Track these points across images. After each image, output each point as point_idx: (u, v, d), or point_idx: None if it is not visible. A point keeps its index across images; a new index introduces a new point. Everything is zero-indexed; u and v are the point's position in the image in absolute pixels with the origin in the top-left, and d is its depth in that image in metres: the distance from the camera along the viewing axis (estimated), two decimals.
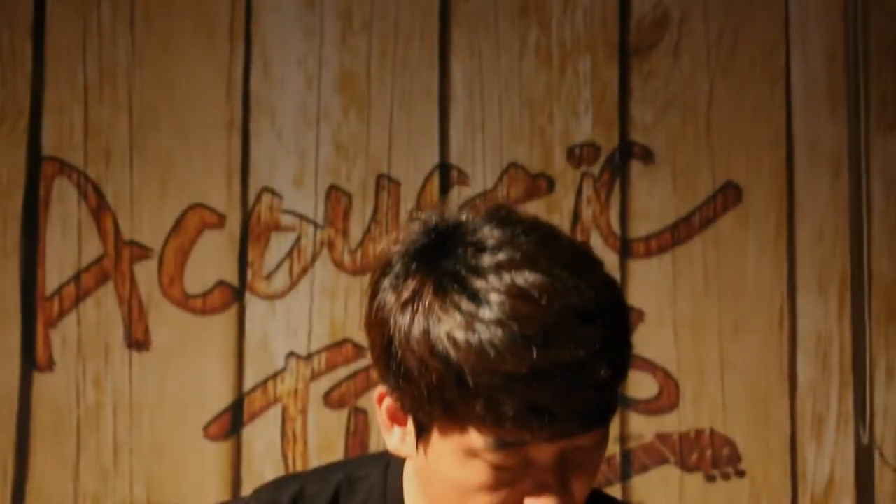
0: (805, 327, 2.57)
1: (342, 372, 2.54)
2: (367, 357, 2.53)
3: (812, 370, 2.56)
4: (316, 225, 2.55)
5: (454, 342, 1.20)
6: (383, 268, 1.28)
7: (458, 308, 1.21)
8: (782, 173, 2.60)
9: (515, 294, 1.20)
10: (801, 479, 2.55)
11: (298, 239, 2.55)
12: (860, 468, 2.55)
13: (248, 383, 2.52)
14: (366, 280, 2.52)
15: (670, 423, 2.54)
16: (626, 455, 2.54)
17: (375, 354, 1.29)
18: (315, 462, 2.47)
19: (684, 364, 2.55)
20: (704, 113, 2.60)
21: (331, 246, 2.55)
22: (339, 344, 2.54)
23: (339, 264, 2.55)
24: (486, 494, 1.26)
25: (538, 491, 1.24)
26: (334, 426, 2.52)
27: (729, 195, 2.59)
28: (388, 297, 1.26)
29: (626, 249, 2.57)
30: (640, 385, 2.55)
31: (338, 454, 2.50)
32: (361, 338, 2.53)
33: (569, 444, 1.24)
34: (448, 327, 1.21)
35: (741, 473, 2.55)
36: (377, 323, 1.27)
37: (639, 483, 2.54)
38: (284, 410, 2.52)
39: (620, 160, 2.59)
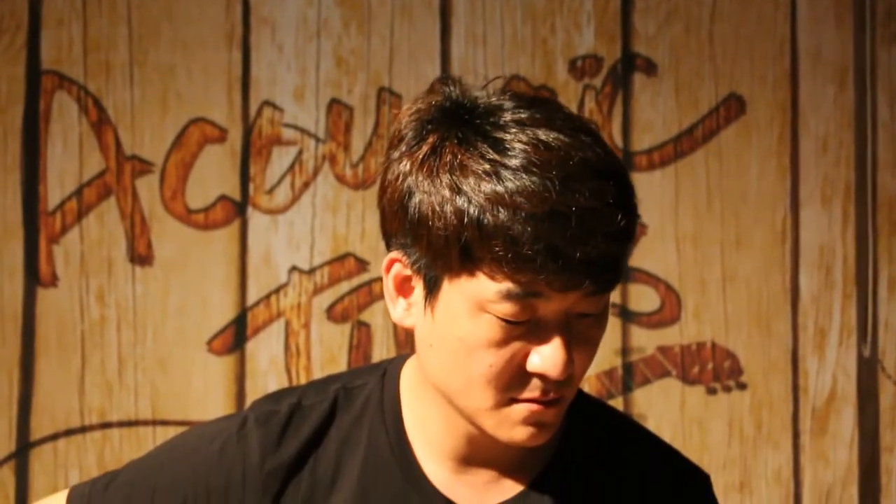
0: (808, 240, 2.56)
1: (344, 286, 2.54)
2: (369, 271, 2.54)
3: (815, 283, 2.56)
4: (317, 139, 2.55)
5: (478, 187, 1.26)
6: (396, 139, 1.33)
7: (483, 157, 1.27)
8: (786, 85, 2.58)
9: (537, 145, 1.27)
10: (803, 392, 2.56)
11: (300, 153, 2.55)
12: (862, 381, 2.56)
13: (251, 298, 2.53)
14: (368, 194, 2.55)
15: (672, 337, 2.55)
16: (627, 368, 2.55)
17: (390, 215, 1.32)
18: (318, 376, 2.49)
19: (686, 277, 2.55)
20: (707, 24, 2.58)
21: (332, 160, 2.55)
22: (341, 258, 2.54)
23: (340, 178, 2.55)
24: (493, 350, 1.29)
25: (543, 345, 1.28)
26: (337, 340, 2.54)
27: (732, 107, 2.58)
28: (403, 161, 1.31)
29: (628, 162, 2.55)
30: (641, 298, 2.55)
31: (341, 367, 2.52)
32: (363, 252, 2.55)
33: (575, 305, 1.28)
34: (473, 173, 1.26)
35: (742, 386, 2.55)
36: (392, 184, 1.31)
37: (640, 396, 2.55)
38: (287, 324, 2.54)
39: (623, 72, 2.57)
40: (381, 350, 2.53)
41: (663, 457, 1.45)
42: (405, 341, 2.53)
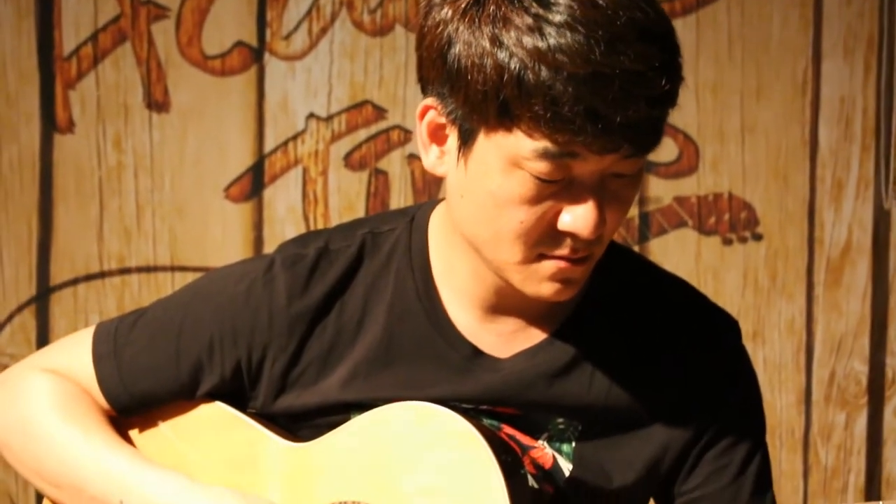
0: (828, 92, 2.54)
1: (362, 134, 2.54)
2: (387, 119, 2.53)
3: (834, 135, 2.55)
4: None
5: (520, 42, 1.24)
6: None
7: (526, 10, 1.24)
8: None
9: (584, 1, 1.24)
10: (818, 243, 2.56)
11: None
12: (878, 233, 2.57)
13: (269, 145, 2.53)
14: (386, 41, 2.52)
15: (689, 187, 2.55)
16: (644, 217, 2.55)
17: (428, 62, 1.31)
18: (336, 223, 2.49)
19: (705, 128, 2.54)
20: None
21: (350, 6, 2.52)
22: (358, 105, 2.53)
23: (358, 25, 2.52)
24: (524, 207, 1.29)
25: (576, 204, 1.28)
26: (355, 187, 2.54)
27: None
28: (444, 8, 1.29)
29: None
30: (659, 148, 2.53)
31: (359, 215, 2.52)
32: (381, 99, 2.53)
33: (611, 166, 1.28)
34: (515, 27, 1.24)
35: (758, 237, 2.56)
36: (432, 31, 1.29)
37: (656, 245, 2.56)
38: (305, 172, 2.54)
39: None
40: (399, 198, 2.53)
41: (692, 302, 1.46)
42: (423, 189, 2.53)
